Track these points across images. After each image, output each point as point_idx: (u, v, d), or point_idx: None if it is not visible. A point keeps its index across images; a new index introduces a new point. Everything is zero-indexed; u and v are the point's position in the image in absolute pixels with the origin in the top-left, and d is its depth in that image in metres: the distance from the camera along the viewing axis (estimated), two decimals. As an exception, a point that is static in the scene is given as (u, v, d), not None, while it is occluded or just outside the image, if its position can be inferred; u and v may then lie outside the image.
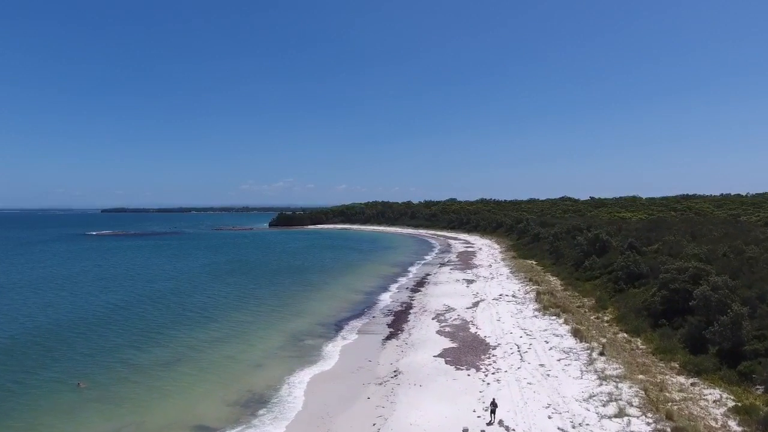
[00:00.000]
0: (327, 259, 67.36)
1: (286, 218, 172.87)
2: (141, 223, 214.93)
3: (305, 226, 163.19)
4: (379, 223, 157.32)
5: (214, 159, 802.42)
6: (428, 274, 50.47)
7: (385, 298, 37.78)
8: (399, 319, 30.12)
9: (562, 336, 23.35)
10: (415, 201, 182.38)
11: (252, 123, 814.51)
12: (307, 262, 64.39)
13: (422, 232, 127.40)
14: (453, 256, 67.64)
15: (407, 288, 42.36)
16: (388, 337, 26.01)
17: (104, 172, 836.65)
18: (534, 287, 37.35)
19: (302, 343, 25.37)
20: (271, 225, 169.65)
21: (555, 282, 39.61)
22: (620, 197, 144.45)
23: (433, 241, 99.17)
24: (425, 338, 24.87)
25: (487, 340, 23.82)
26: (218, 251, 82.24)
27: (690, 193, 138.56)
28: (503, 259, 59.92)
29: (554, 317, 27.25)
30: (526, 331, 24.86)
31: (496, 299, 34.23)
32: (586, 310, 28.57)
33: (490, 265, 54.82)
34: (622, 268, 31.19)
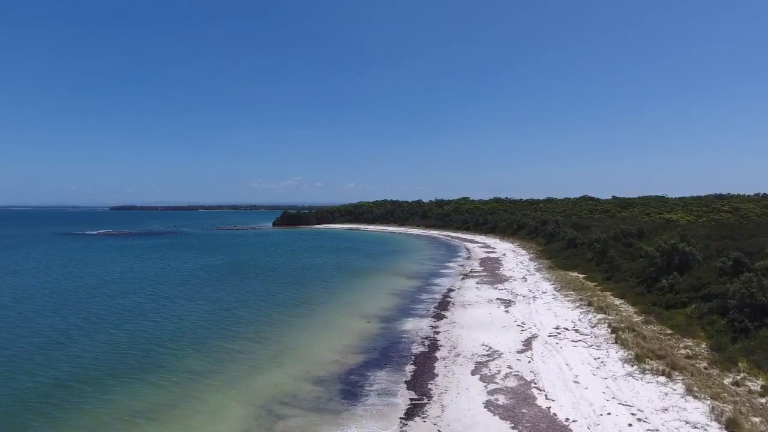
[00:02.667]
0: (330, 266, 58.30)
1: (291, 217, 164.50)
2: (142, 221, 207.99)
3: (311, 226, 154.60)
4: (389, 223, 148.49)
5: (222, 157, 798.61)
6: (451, 290, 41.16)
7: (400, 330, 28.47)
8: (422, 372, 20.83)
9: (704, 428, 13.98)
10: (425, 200, 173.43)
11: (260, 121, 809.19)
12: (305, 269, 55.34)
13: (434, 233, 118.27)
14: (476, 264, 58.30)
15: (427, 312, 33.08)
16: (409, 413, 16.65)
17: (116, 170, 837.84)
18: (600, 316, 27.90)
19: (280, 424, 16.19)
20: (274, 224, 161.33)
21: (624, 307, 30.10)
22: (645, 196, 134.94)
23: (449, 244, 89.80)
24: (468, 421, 15.56)
25: (573, 428, 14.52)
26: (211, 254, 73.60)
27: (723, 192, 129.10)
28: (538, 270, 50.45)
29: (662, 378, 17.85)
30: (632, 410, 15.47)
31: (554, 336, 24.88)
32: (706, 365, 19.10)
33: (525, 278, 45.40)
34: (742, 297, 21.76)
